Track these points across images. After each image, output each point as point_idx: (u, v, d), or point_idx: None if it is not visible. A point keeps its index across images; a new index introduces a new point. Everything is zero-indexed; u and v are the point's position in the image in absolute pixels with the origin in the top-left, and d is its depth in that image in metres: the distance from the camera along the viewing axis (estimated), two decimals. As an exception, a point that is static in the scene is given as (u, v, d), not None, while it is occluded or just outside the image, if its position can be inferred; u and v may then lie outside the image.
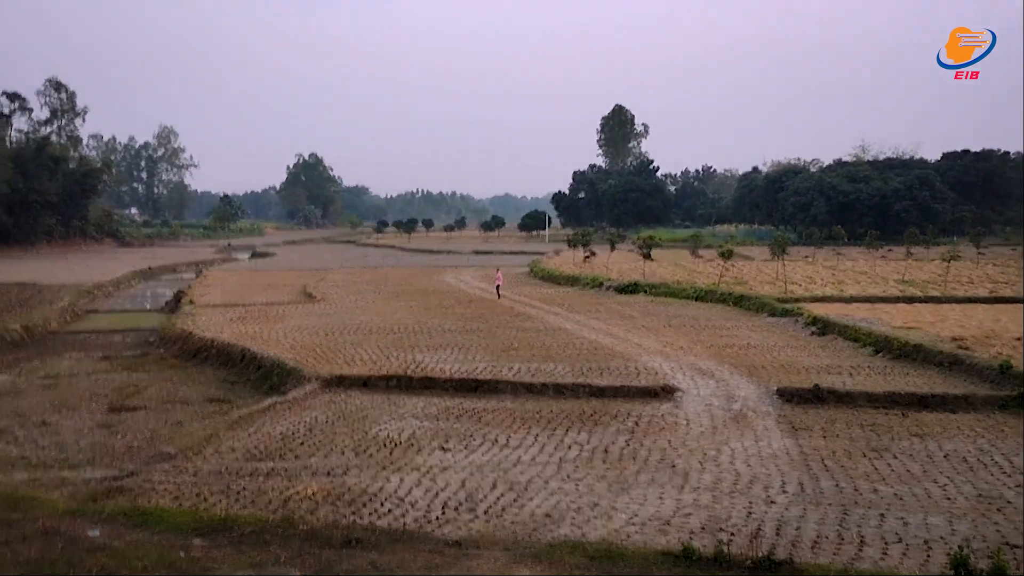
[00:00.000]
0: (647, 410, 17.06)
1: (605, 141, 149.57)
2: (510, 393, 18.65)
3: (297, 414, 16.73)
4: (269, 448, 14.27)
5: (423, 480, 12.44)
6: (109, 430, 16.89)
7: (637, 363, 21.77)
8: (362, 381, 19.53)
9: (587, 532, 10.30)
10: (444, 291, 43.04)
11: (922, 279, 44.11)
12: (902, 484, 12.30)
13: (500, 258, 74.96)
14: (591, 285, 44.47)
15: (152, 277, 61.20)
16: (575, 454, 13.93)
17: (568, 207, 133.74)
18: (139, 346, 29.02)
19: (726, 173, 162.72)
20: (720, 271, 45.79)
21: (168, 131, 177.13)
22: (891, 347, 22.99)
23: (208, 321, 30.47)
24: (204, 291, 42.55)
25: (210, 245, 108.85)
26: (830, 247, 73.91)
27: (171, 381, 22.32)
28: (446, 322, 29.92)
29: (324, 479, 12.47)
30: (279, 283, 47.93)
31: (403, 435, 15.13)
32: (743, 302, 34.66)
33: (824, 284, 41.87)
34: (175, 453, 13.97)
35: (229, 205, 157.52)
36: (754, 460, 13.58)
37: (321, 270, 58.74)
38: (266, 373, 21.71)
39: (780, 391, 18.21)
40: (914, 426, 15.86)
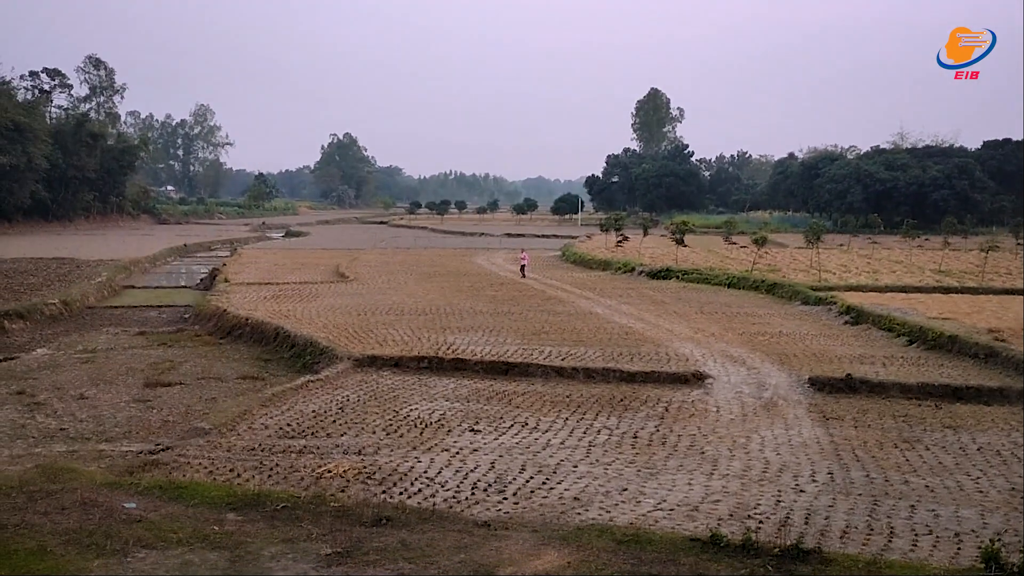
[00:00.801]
0: (677, 396, 17.04)
1: (640, 125, 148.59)
2: (540, 376, 18.70)
3: (329, 393, 16.91)
4: (301, 426, 14.45)
5: (453, 461, 12.54)
6: (145, 405, 17.19)
7: (668, 349, 21.72)
8: (394, 362, 19.67)
9: (615, 516, 10.34)
10: (476, 273, 43.13)
11: (959, 269, 43.46)
12: (934, 476, 12.20)
13: (532, 241, 74.92)
14: (623, 270, 44.34)
15: (187, 254, 61.94)
16: (604, 438, 13.96)
17: (601, 191, 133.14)
18: (174, 322, 29.43)
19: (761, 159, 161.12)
20: (753, 258, 45.43)
21: (204, 109, 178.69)
22: (925, 338, 22.73)
23: (242, 299, 30.80)
24: (238, 269, 42.99)
25: (244, 223, 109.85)
26: (865, 235, 73.09)
27: (206, 358, 22.63)
28: (477, 304, 30.01)
29: (355, 457, 12.62)
30: (312, 262, 48.28)
31: (434, 416, 15.25)
32: (776, 290, 34.40)
33: (859, 273, 41.39)
34: (209, 429, 14.19)
35: (264, 184, 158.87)
36: (784, 448, 13.53)
37: (354, 250, 59.08)
38: (299, 352, 21.94)
39: (812, 380, 18.10)
40: (947, 418, 15.70)
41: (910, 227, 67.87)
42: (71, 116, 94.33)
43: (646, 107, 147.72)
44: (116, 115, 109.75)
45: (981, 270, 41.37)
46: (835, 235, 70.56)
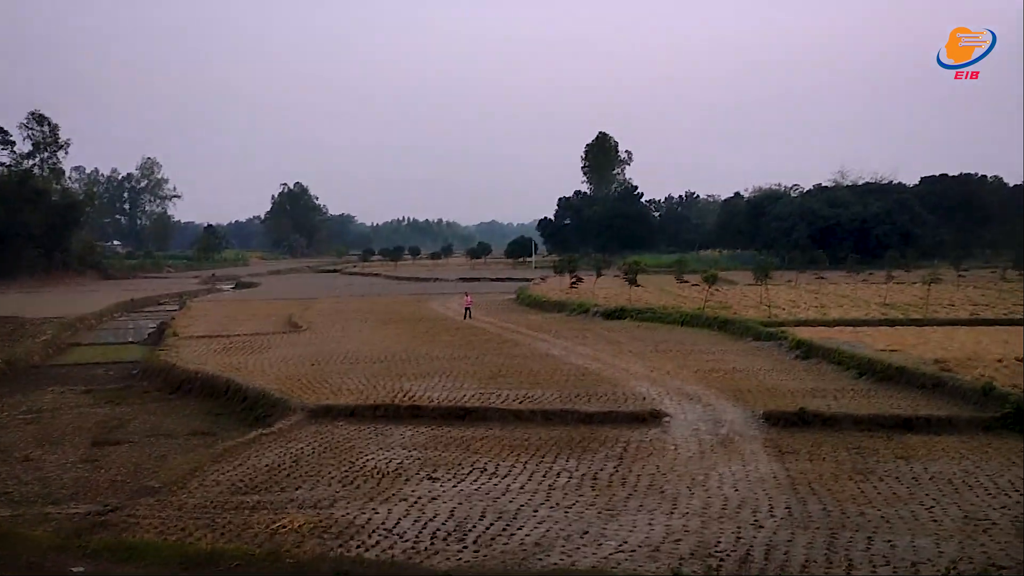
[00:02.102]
0: (635, 435, 17.06)
1: (589, 168, 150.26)
2: (498, 420, 18.61)
3: (283, 446, 16.63)
4: (255, 481, 14.17)
5: (411, 510, 12.37)
6: (93, 464, 16.74)
7: (625, 388, 21.79)
8: (349, 411, 19.44)
9: (577, 560, 10.27)
10: (431, 318, 43.00)
11: (903, 302, 44.41)
12: (889, 506, 12.34)
13: (487, 284, 75.08)
14: (578, 311, 44.53)
15: (135, 309, 60.78)
16: (564, 481, 13.90)
17: (554, 233, 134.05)
18: (122, 379, 28.80)
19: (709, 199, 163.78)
20: (705, 296, 45.94)
21: (151, 162, 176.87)
22: (874, 370, 23.11)
23: (192, 353, 30.30)
24: (188, 322, 42.33)
25: (194, 276, 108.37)
26: (812, 271, 74.35)
27: (155, 414, 22.15)
28: (434, 350, 29.87)
29: (311, 511, 12.39)
30: (264, 313, 47.73)
31: (391, 465, 15.06)
32: (728, 326, 34.79)
33: (807, 308, 42.08)
34: (159, 487, 13.86)
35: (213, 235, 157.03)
36: (742, 484, 13.59)
37: (307, 299, 58.53)
38: (251, 404, 21.58)
39: (766, 415, 18.27)
40: (899, 448, 15.93)
41: (854, 262, 69.39)
42: (14, 173, 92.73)
43: (595, 150, 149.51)
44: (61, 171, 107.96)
45: (924, 302, 42.29)
46: (783, 271, 71.69)
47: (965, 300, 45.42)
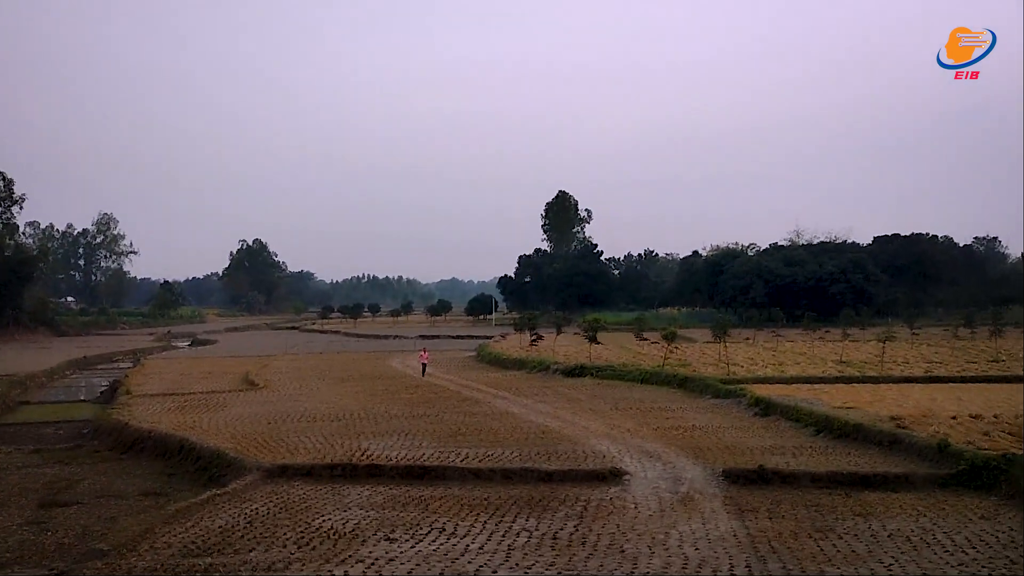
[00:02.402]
0: (595, 494, 16.97)
1: (550, 226, 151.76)
2: (457, 479, 18.41)
3: (237, 506, 16.26)
4: (208, 543, 13.81)
5: (368, 572, 12.13)
6: (39, 527, 16.22)
7: (585, 446, 21.72)
8: (306, 470, 19.11)
9: (536, 622, 10.11)
10: (391, 376, 42.69)
11: (859, 359, 45.06)
12: (848, 565, 12.36)
13: (447, 342, 74.86)
14: (538, 368, 44.52)
15: (88, 367, 59.62)
16: (524, 541, 13.74)
17: (514, 291, 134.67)
18: (72, 438, 28.09)
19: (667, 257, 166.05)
20: (664, 353, 46.25)
21: (107, 218, 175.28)
22: (832, 427, 23.32)
23: (145, 411, 29.70)
24: (141, 380, 41.57)
25: (149, 333, 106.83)
26: (769, 328, 75.34)
27: (105, 474, 21.58)
28: (393, 408, 29.60)
29: (265, 574, 12.09)
30: (220, 370, 47.05)
31: (347, 526, 14.79)
32: (688, 384, 34.98)
33: (765, 365, 42.52)
34: (108, 550, 13.43)
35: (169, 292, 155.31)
36: (702, 543, 13.54)
37: (264, 356, 57.91)
38: (205, 464, 21.12)
39: (726, 472, 18.29)
40: (857, 506, 16.01)
41: (810, 320, 70.40)
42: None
43: (555, 208, 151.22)
44: (14, 226, 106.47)
45: (880, 359, 42.97)
46: (741, 329, 72.55)
47: (919, 357, 46.22)
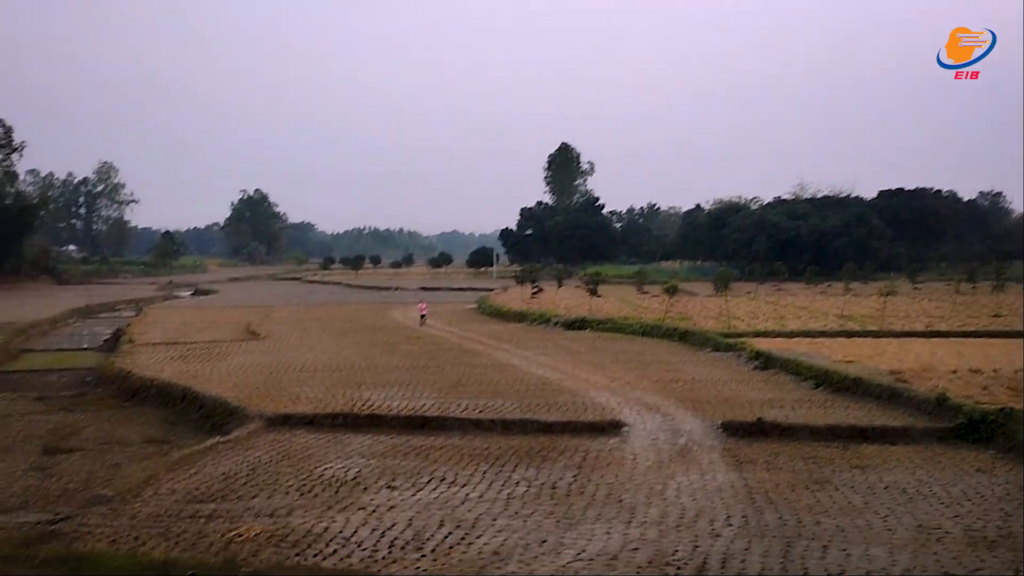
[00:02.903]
0: (594, 445, 17.10)
1: (552, 179, 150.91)
2: (458, 430, 18.55)
3: (240, 454, 16.41)
4: (211, 489, 13.97)
5: (369, 519, 12.27)
6: (43, 473, 16.38)
7: (584, 399, 21.84)
8: (307, 420, 19.26)
9: (535, 569, 10.26)
10: (392, 328, 42.80)
11: (860, 314, 45.10)
12: (844, 516, 12.49)
13: (448, 294, 74.94)
14: (539, 321, 44.60)
15: (90, 315, 59.72)
16: (523, 490, 13.88)
17: (516, 244, 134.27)
18: (76, 386, 28.26)
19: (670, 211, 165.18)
20: (665, 307, 46.30)
21: (108, 167, 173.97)
22: (831, 380, 23.42)
23: (148, 360, 29.84)
24: (144, 329, 41.69)
25: (151, 282, 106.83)
26: (771, 283, 75.28)
27: (109, 422, 21.75)
28: (394, 359, 29.72)
29: (267, 520, 12.24)
30: (222, 321, 47.16)
31: (349, 474, 14.94)
32: (688, 337, 35.07)
33: (766, 319, 42.57)
34: (112, 496, 13.60)
35: (171, 241, 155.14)
36: (700, 494, 13.68)
37: (266, 307, 58.00)
38: (208, 413, 21.27)
39: (724, 425, 18.41)
40: (855, 458, 16.14)
41: (813, 274, 70.35)
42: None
43: (557, 161, 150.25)
44: (14, 174, 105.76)
45: (881, 314, 43.01)
46: (742, 283, 72.53)
47: (920, 312, 46.25)
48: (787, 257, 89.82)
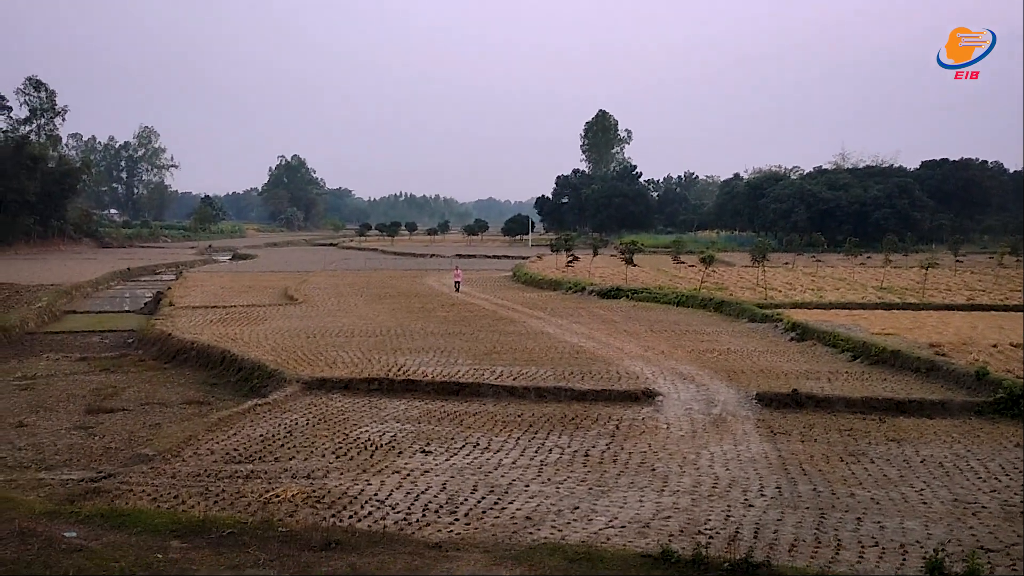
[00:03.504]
0: (628, 414, 17.12)
1: (588, 146, 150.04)
2: (492, 396, 18.65)
3: (277, 416, 16.66)
4: (249, 450, 14.21)
5: (404, 483, 12.42)
6: (87, 432, 16.77)
7: (618, 367, 21.83)
8: (343, 384, 19.47)
9: (567, 535, 10.32)
10: (427, 294, 43.00)
11: (900, 286, 44.47)
12: (879, 488, 12.40)
13: (483, 262, 75.05)
14: (573, 289, 44.54)
15: (131, 278, 60.74)
16: (556, 457, 13.95)
17: (551, 212, 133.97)
18: (118, 347, 28.81)
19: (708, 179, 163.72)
20: (701, 276, 45.99)
21: (149, 131, 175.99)
22: (869, 353, 23.17)
23: (188, 323, 30.30)
24: (184, 292, 42.30)
25: (190, 246, 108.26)
26: (810, 253, 74.44)
27: (150, 383, 22.17)
28: (428, 325, 29.89)
29: (304, 481, 12.43)
30: (260, 285, 47.70)
31: (384, 438, 15.10)
32: (724, 307, 34.83)
33: (803, 290, 42.12)
34: (153, 455, 13.88)
35: (210, 206, 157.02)
36: (733, 464, 13.65)
37: (303, 272, 58.53)
38: (246, 375, 21.60)
39: (759, 396, 18.32)
40: (891, 431, 16.00)
41: (852, 245, 69.39)
42: (10, 139, 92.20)
43: (595, 128, 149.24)
44: (57, 138, 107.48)
45: (921, 287, 42.38)
46: (780, 254, 71.80)
47: (962, 285, 45.49)
48: (826, 228, 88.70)
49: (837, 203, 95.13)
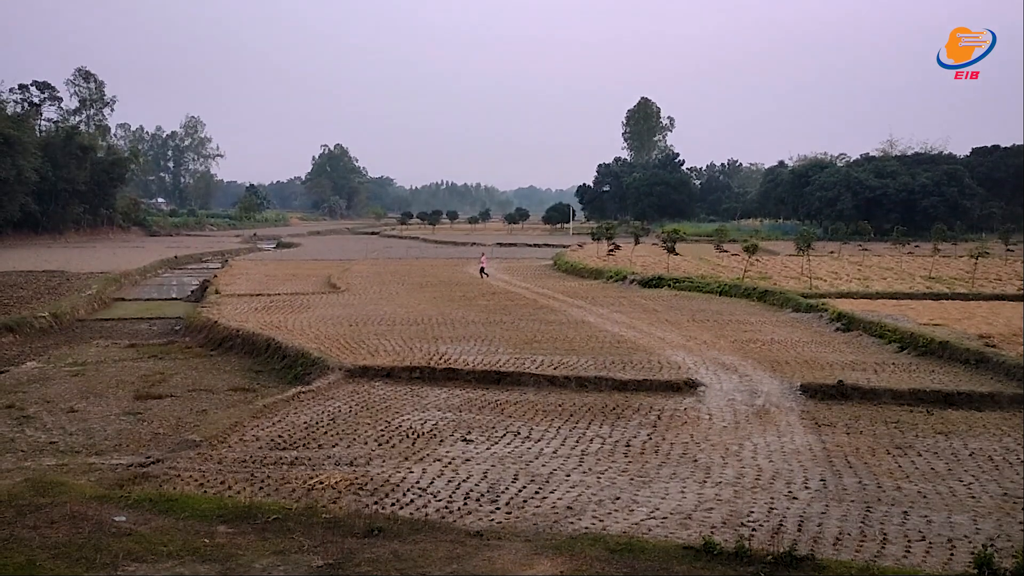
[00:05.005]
0: (669, 404, 17.02)
1: (630, 134, 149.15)
2: (533, 386, 18.66)
3: (321, 404, 16.84)
4: (293, 437, 14.39)
5: (445, 471, 12.49)
6: (135, 417, 17.10)
7: (660, 357, 21.71)
8: (385, 372, 19.61)
9: (608, 525, 10.31)
10: (468, 283, 43.12)
11: (949, 276, 43.64)
12: (926, 482, 12.20)
13: (524, 250, 75.05)
14: (615, 278, 44.37)
15: (178, 266, 61.80)
16: (597, 447, 13.93)
17: (592, 200, 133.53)
18: (165, 334, 29.32)
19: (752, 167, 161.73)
20: (744, 266, 45.53)
21: (195, 121, 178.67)
22: (916, 344, 22.77)
23: (233, 310, 30.71)
24: (229, 280, 42.89)
25: (236, 235, 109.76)
26: (856, 242, 73.23)
27: (196, 370, 22.53)
28: (469, 314, 29.97)
29: (347, 468, 12.56)
30: (304, 273, 48.20)
31: (426, 426, 15.20)
32: (767, 297, 34.46)
33: (849, 280, 41.52)
34: (200, 441, 14.11)
35: (255, 195, 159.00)
36: (776, 456, 13.52)
37: (345, 261, 59.03)
38: (290, 363, 21.85)
39: (803, 387, 18.10)
40: (939, 424, 15.72)
41: (900, 234, 68.18)
42: (61, 129, 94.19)
43: (636, 116, 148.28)
44: (106, 127, 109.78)
45: (971, 276, 41.53)
46: (825, 242, 70.81)
47: (1013, 275, 44.47)
48: (873, 216, 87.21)
49: (884, 191, 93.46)
